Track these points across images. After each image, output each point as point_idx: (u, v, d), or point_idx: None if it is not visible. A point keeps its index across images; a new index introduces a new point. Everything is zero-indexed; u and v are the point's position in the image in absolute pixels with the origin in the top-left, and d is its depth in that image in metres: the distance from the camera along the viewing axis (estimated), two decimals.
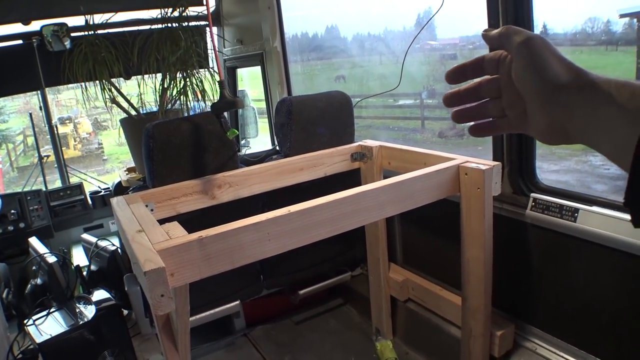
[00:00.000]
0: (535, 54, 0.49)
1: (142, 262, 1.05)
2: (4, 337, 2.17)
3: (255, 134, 3.37)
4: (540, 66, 0.49)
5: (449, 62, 7.87)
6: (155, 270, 1.02)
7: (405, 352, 2.23)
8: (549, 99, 0.48)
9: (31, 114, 3.77)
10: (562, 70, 0.48)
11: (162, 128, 1.75)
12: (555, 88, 0.47)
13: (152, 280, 1.02)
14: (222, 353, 2.36)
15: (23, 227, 3.13)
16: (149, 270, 1.02)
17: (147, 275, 1.02)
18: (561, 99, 0.47)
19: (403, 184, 1.50)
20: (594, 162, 5.73)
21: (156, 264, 1.04)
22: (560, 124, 0.48)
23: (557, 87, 0.47)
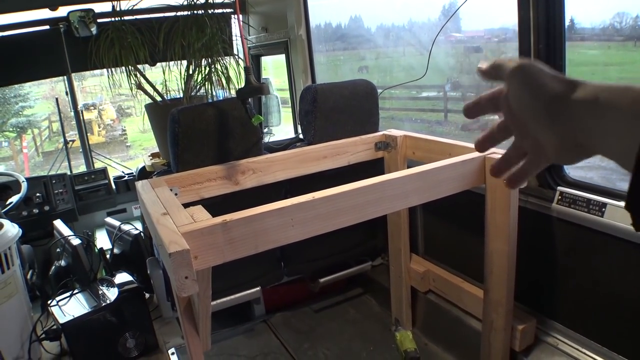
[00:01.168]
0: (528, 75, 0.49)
1: (167, 243, 1.06)
2: (27, 317, 2.21)
3: (278, 122, 3.38)
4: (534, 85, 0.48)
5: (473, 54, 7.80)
6: (180, 252, 1.03)
7: (425, 343, 2.22)
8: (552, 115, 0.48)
9: (57, 98, 3.82)
10: (557, 84, 0.47)
11: (188, 113, 1.75)
12: (554, 102, 0.47)
13: (176, 262, 1.03)
14: (241, 338, 2.38)
15: (48, 210, 3.18)
16: (173, 252, 1.02)
17: (172, 257, 1.02)
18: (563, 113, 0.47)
19: (428, 173, 1.48)
20: None
21: (181, 246, 1.04)
22: (572, 138, 0.47)
23: (555, 100, 0.47)
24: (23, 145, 12.48)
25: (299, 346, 2.29)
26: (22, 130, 12.92)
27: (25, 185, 3.09)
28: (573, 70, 1.69)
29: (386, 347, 2.23)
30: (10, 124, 12.78)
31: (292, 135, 3.26)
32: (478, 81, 8.20)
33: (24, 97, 12.86)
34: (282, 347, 2.29)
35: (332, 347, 2.27)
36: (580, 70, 2.18)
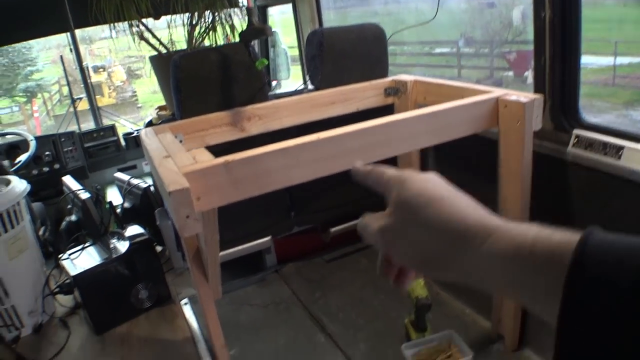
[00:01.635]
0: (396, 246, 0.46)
1: (167, 183, 1.03)
2: (40, 272, 2.24)
3: (287, 75, 3.31)
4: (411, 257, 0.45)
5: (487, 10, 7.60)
6: (180, 191, 1.00)
7: (437, 292, 2.21)
8: (441, 275, 0.45)
9: (62, 56, 3.78)
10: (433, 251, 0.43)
11: (190, 59, 1.70)
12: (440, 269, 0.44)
13: (176, 201, 1.01)
14: (253, 288, 2.39)
15: (58, 168, 3.19)
16: (173, 191, 1.00)
17: (172, 195, 1.00)
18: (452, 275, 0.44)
19: (438, 114, 1.44)
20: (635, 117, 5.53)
21: (181, 184, 1.02)
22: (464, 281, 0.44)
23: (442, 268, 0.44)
24: (34, 109, 12.53)
25: (311, 295, 2.29)
26: (32, 94, 12.95)
27: (34, 143, 3.08)
28: (588, 27, 1.61)
29: (397, 296, 2.22)
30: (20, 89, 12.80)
31: None
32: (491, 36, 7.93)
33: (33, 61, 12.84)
34: (294, 297, 2.30)
35: (343, 296, 2.27)
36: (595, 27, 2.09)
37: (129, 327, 2.16)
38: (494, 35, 7.49)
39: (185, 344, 2.00)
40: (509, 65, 7.42)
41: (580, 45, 1.62)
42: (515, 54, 7.21)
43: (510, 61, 7.39)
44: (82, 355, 2.02)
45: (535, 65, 1.70)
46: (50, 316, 2.26)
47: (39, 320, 2.20)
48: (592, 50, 5.55)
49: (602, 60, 6.03)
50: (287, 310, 2.22)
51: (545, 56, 1.63)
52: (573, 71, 1.63)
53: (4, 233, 2.01)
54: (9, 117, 12.63)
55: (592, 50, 5.56)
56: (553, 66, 1.63)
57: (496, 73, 7.73)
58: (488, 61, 8.13)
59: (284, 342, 2.03)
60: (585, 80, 1.62)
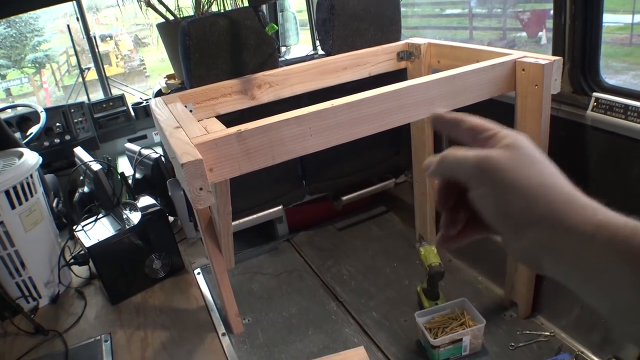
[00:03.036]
0: (496, 181, 0.39)
1: (179, 155, 1.01)
2: (55, 243, 2.25)
3: (296, 41, 3.24)
4: (502, 198, 0.39)
5: None
6: (193, 163, 0.98)
7: (449, 259, 2.20)
8: (517, 234, 0.39)
9: (68, 25, 3.73)
10: (532, 201, 0.38)
11: (198, 25, 1.66)
12: (522, 225, 0.38)
13: (189, 173, 0.99)
14: (265, 257, 2.40)
15: (69, 139, 3.18)
16: (186, 163, 0.98)
17: (185, 167, 0.98)
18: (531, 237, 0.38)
19: (454, 78, 1.40)
20: None
21: (193, 156, 1.00)
22: (535, 257, 0.39)
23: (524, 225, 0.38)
24: (43, 80, 12.50)
25: (323, 263, 2.30)
26: (41, 65, 12.90)
27: (44, 115, 3.07)
28: None
29: (410, 264, 2.22)
30: (29, 60, 12.75)
31: None
32: None
33: (40, 31, 12.74)
34: (306, 265, 2.30)
35: (355, 264, 2.27)
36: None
37: (143, 296, 2.17)
38: None
39: (200, 313, 2.01)
40: (522, 25, 7.26)
41: (602, 4, 1.56)
42: (529, 14, 7.05)
43: (523, 21, 7.22)
44: (99, 324, 2.04)
45: (554, 25, 1.65)
46: (66, 287, 2.27)
47: (56, 291, 2.22)
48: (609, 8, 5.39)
49: (620, 18, 5.84)
50: (300, 278, 2.22)
51: (565, 16, 1.58)
52: (594, 32, 1.57)
53: (19, 205, 2.00)
54: (18, 89, 12.61)
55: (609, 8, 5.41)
56: (573, 26, 1.57)
57: (509, 34, 7.57)
58: (501, 22, 7.95)
59: (296, 311, 2.04)
60: None
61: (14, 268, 2.06)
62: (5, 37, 11.86)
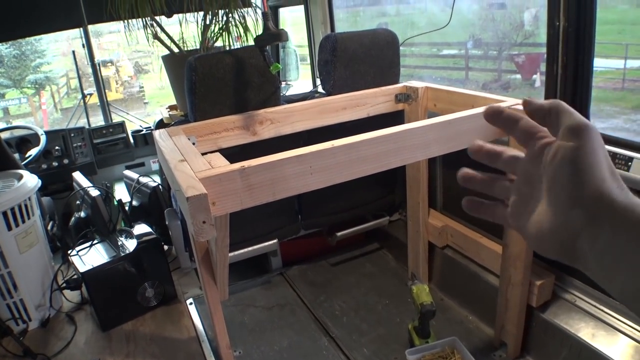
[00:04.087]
0: (587, 151, 0.39)
1: (184, 188, 1.05)
2: (48, 266, 2.25)
3: (296, 77, 3.32)
4: (589, 167, 0.39)
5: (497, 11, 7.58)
6: (198, 197, 1.02)
7: (441, 298, 2.22)
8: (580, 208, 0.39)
9: (74, 51, 3.79)
10: (609, 181, 0.39)
11: (205, 61, 1.72)
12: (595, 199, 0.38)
13: (194, 207, 1.02)
14: (258, 290, 2.41)
15: (67, 163, 3.21)
16: (191, 197, 1.01)
17: (190, 201, 1.01)
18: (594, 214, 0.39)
19: (450, 123, 1.45)
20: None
21: (198, 190, 1.03)
22: (572, 240, 0.40)
23: (598, 198, 0.38)
24: (42, 101, 12.57)
25: (315, 298, 2.31)
26: (41, 86, 12.98)
27: (45, 138, 3.11)
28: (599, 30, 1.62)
29: (402, 301, 2.24)
30: (29, 81, 12.84)
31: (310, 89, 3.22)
32: (500, 39, 7.86)
33: (42, 53, 12.88)
34: (299, 299, 2.31)
35: (348, 300, 2.29)
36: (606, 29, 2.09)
37: (134, 324, 2.17)
38: (503, 38, 7.48)
39: (191, 343, 2.01)
40: (517, 68, 7.41)
41: (593, 55, 1.63)
42: (524, 57, 7.20)
43: (518, 64, 7.37)
44: (88, 350, 2.03)
45: (547, 72, 1.71)
46: (57, 311, 2.27)
47: (46, 315, 2.22)
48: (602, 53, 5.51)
49: (612, 63, 5.97)
50: (292, 312, 2.24)
51: (557, 65, 1.64)
52: (585, 81, 1.64)
53: (15, 227, 2.02)
54: (16, 109, 12.68)
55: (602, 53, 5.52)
56: (565, 75, 1.64)
57: (504, 76, 7.72)
58: (496, 64, 8.12)
59: (287, 344, 2.04)
60: (594, 85, 1.63)
61: (5, 289, 2.06)
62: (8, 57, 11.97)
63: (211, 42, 2.50)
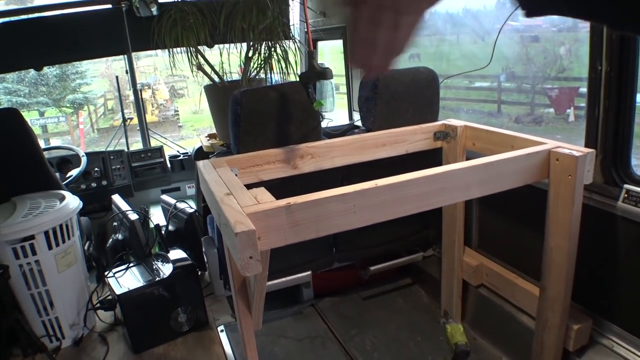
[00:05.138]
0: None
1: (233, 223, 1.07)
2: (84, 286, 2.31)
3: (332, 107, 3.36)
4: None
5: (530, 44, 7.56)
6: (247, 233, 1.04)
7: (474, 337, 2.19)
8: None
9: (117, 77, 3.92)
10: None
11: (250, 95, 1.77)
12: None
13: (242, 242, 1.05)
14: (289, 320, 2.41)
15: (105, 184, 3.30)
16: (240, 232, 1.04)
17: (239, 236, 1.04)
18: None
19: (491, 165, 1.45)
20: None
21: (247, 226, 1.06)
22: None
23: None
24: (79, 120, 12.93)
25: (346, 332, 2.30)
26: (79, 106, 13.37)
27: (85, 159, 3.20)
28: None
29: (434, 339, 2.21)
30: (68, 100, 13.24)
31: (347, 121, 3.25)
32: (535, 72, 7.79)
33: (82, 74, 13.30)
34: (330, 332, 2.31)
35: (379, 335, 2.27)
36: None
37: (166, 348, 2.19)
38: (536, 71, 7.43)
39: None
40: (551, 102, 7.33)
41: (635, 101, 1.62)
42: (558, 91, 7.12)
43: (552, 98, 7.29)
44: None
45: (587, 117, 1.71)
46: (90, 330, 2.32)
47: (80, 334, 2.27)
48: None
49: None
50: (323, 345, 2.23)
51: (599, 109, 1.64)
52: (626, 126, 1.63)
53: (56, 247, 2.09)
54: (54, 127, 13.06)
55: None
56: (606, 120, 1.63)
57: (537, 109, 7.65)
58: (529, 97, 8.05)
59: None
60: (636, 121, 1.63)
61: (42, 307, 2.12)
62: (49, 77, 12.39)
63: (253, 74, 2.56)
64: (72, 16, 3.21)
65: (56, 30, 3.15)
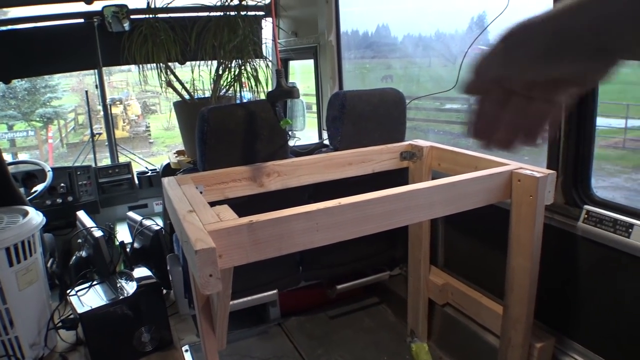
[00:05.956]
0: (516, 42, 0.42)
1: (193, 241, 1.06)
2: (46, 304, 2.25)
3: (302, 126, 3.38)
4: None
5: None
6: (206, 250, 1.04)
7: (439, 356, 2.20)
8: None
9: (87, 91, 3.88)
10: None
11: (217, 113, 1.77)
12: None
13: (202, 260, 1.04)
14: (255, 340, 2.39)
15: (71, 200, 3.24)
16: (200, 250, 1.03)
17: (198, 254, 1.03)
18: None
19: (454, 185, 1.47)
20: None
21: (207, 244, 1.05)
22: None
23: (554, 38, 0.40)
24: (49, 135, 12.72)
25: (313, 351, 2.28)
26: (49, 120, 13.16)
27: (51, 174, 3.14)
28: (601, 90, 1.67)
29: (400, 358, 2.21)
30: (38, 114, 13.03)
31: (317, 140, 3.27)
32: None
33: (53, 88, 13.12)
34: (296, 352, 2.29)
35: (345, 354, 2.26)
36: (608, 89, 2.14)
37: None
38: None
39: None
40: None
41: (594, 125, 1.67)
42: None
43: None
44: None
45: (549, 140, 1.74)
46: (51, 350, 2.25)
47: (40, 354, 2.19)
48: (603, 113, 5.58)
49: (613, 122, 6.03)
50: None
51: (560, 133, 1.68)
52: (586, 149, 1.67)
53: (17, 263, 2.03)
54: (22, 141, 12.82)
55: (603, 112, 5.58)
56: (567, 143, 1.68)
57: None
58: None
59: None
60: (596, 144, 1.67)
61: (2, 326, 2.05)
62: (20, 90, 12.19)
63: (222, 91, 2.56)
64: (43, 29, 3.18)
65: (27, 43, 3.11)
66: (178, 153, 2.81)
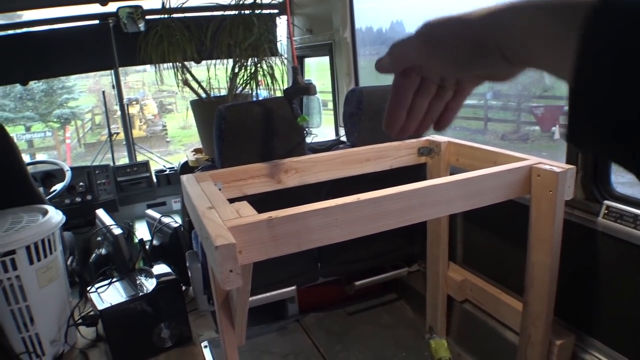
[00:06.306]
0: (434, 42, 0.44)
1: (213, 237, 1.07)
2: (66, 302, 2.28)
3: (318, 123, 3.38)
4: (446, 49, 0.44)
5: None
6: (227, 246, 1.04)
7: (458, 353, 2.19)
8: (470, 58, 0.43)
9: (104, 92, 3.92)
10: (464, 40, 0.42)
11: (235, 110, 1.78)
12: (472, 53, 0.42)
13: (222, 256, 1.04)
14: (274, 336, 2.40)
15: (90, 199, 3.28)
16: (220, 245, 1.04)
17: (218, 250, 1.04)
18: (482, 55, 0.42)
19: (473, 180, 1.46)
20: None
21: (227, 239, 1.06)
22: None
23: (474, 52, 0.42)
24: (66, 135, 12.87)
25: (331, 348, 2.29)
26: (66, 121, 13.32)
27: (70, 174, 3.18)
28: None
29: (418, 354, 2.21)
30: (55, 115, 13.19)
31: (333, 137, 3.27)
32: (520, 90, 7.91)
33: (70, 89, 13.26)
34: (314, 348, 2.29)
35: (364, 350, 2.26)
36: None
37: None
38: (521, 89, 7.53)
39: None
40: (536, 120, 7.41)
41: None
42: (543, 109, 7.20)
43: (537, 116, 7.37)
44: None
45: None
46: (71, 347, 2.28)
47: (60, 350, 2.23)
48: None
49: None
50: None
51: None
52: None
53: (37, 262, 2.06)
54: (41, 141, 12.98)
55: None
56: None
57: (523, 127, 7.72)
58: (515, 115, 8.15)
59: None
60: None
61: (22, 323, 2.09)
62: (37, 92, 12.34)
63: (238, 89, 2.57)
64: (60, 31, 3.22)
65: (43, 45, 3.15)
66: (196, 151, 2.83)
